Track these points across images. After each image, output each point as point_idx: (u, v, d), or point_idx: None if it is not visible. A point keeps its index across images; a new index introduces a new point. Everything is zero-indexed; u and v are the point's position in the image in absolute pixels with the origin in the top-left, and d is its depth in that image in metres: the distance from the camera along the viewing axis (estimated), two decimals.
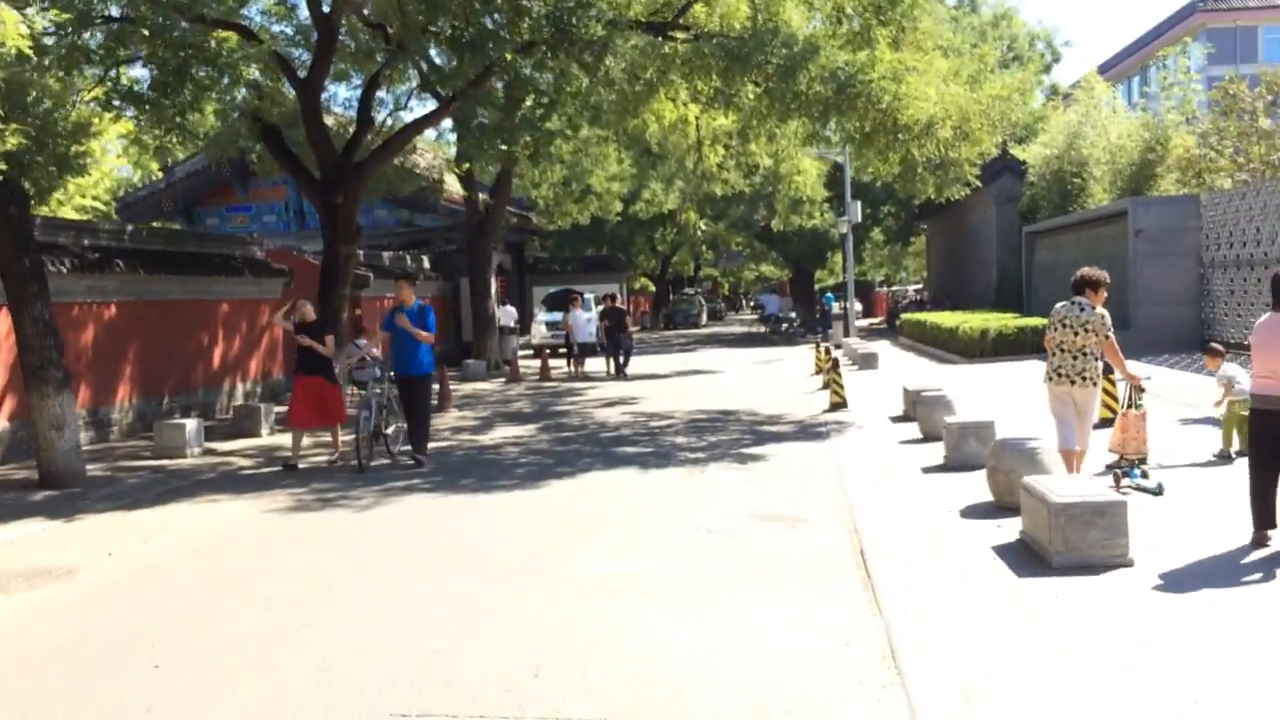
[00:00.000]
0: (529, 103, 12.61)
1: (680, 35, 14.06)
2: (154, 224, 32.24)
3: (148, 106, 11.93)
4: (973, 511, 7.84)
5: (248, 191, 34.48)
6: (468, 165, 19.65)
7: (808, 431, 13.16)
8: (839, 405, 14.97)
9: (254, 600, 6.37)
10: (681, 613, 5.80)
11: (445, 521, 8.51)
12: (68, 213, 38.52)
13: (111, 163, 41.94)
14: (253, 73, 12.48)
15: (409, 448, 11.84)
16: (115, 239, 15.00)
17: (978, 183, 15.12)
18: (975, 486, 8.72)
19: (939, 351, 24.40)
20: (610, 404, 17.53)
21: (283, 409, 17.28)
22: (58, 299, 13.42)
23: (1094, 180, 27.76)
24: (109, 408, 14.44)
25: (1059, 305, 8.45)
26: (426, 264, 28.48)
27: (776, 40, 12.20)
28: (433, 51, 16.48)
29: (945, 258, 42.74)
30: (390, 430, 12.20)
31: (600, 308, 25.07)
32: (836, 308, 42.09)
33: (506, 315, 31.20)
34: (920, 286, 58.16)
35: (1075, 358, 8.18)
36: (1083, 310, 8.20)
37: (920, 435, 11.85)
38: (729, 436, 12.97)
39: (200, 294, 16.67)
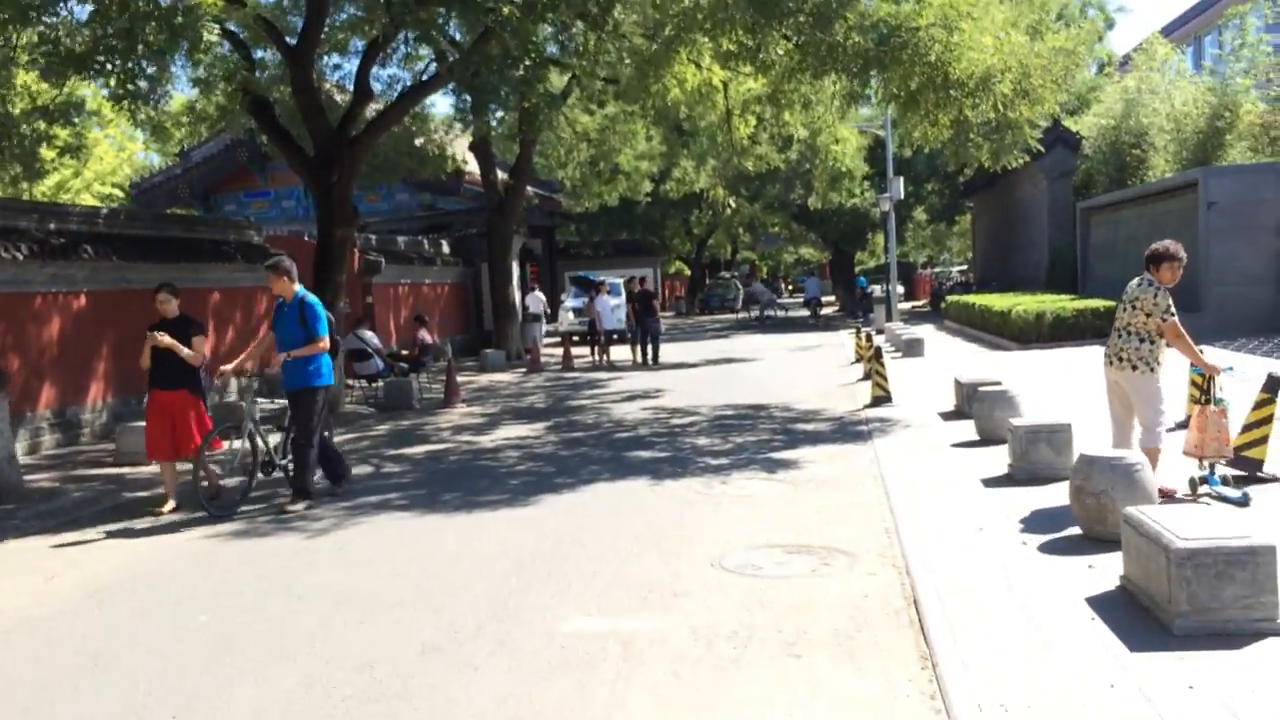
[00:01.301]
0: (527, 62, 11.13)
1: None
2: (172, 210, 31.28)
3: (92, 71, 10.56)
4: (1054, 543, 6.28)
5: (266, 176, 33.37)
6: (470, 137, 18.16)
7: (847, 431, 11.61)
8: (882, 399, 13.40)
9: (127, 675, 4.98)
10: (672, 698, 4.33)
11: (409, 553, 7.09)
12: (87, 199, 37.83)
13: (134, 149, 41.31)
14: (213, 35, 11.05)
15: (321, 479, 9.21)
16: (87, 223, 13.75)
17: (1039, 148, 13.42)
18: (1051, 506, 7.17)
19: (989, 336, 22.69)
20: (631, 397, 16.07)
21: (271, 405, 16.01)
22: (14, 289, 12.26)
23: (1155, 151, 25.82)
24: (78, 408, 13.20)
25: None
26: (446, 248, 27.13)
27: None
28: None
29: (992, 237, 40.77)
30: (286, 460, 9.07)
31: (629, 291, 23.57)
32: (877, 290, 40.31)
33: (535, 302, 29.78)
34: (965, 268, 56.08)
35: (1119, 335, 7.40)
36: (1138, 285, 7.34)
37: (976, 436, 10.27)
38: (757, 437, 11.46)
39: (188, 282, 15.33)
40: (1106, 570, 5.61)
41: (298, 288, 8.81)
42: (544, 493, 8.89)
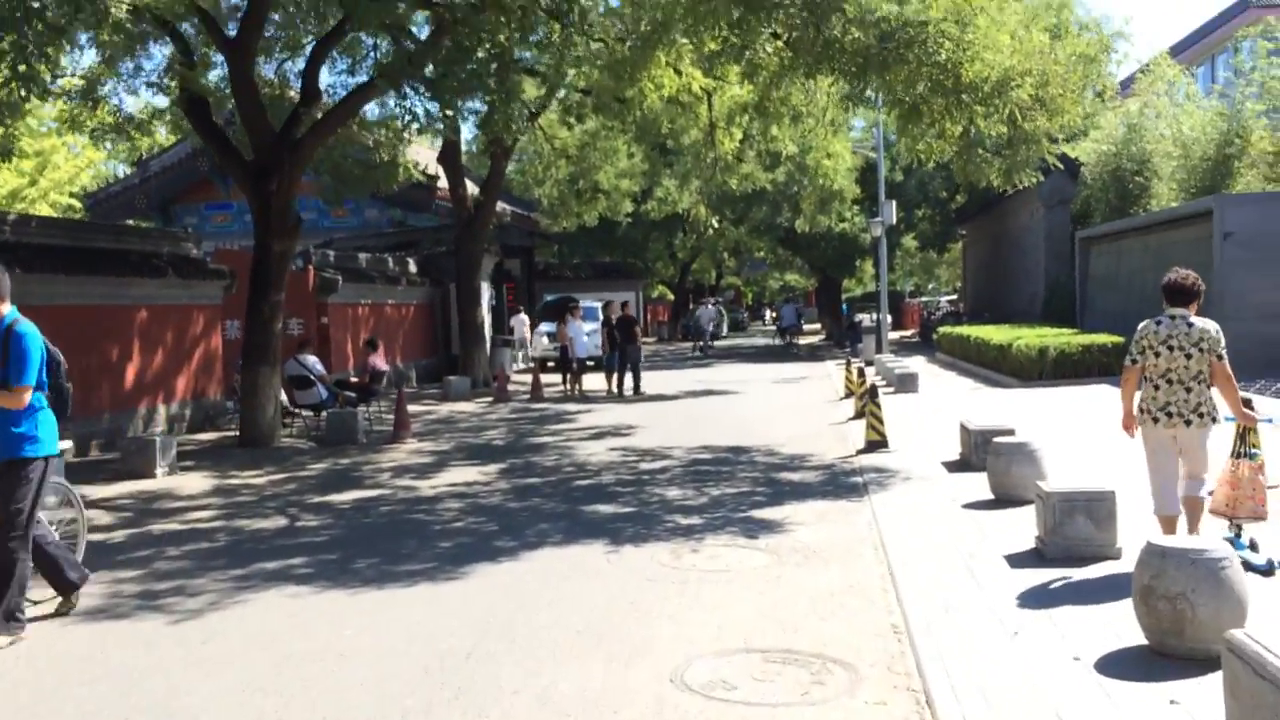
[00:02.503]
0: (480, 54, 9.75)
1: None
2: (132, 222, 29.69)
3: None
4: (1115, 661, 4.84)
5: (230, 188, 31.82)
6: (410, 142, 16.65)
7: (839, 483, 10.17)
8: (878, 444, 11.98)
9: None
10: None
11: (290, 649, 5.58)
12: (42, 209, 36.17)
13: (93, 156, 39.65)
14: (122, 11, 9.59)
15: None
16: None
17: (1057, 163, 12.11)
18: (1099, 600, 5.74)
19: (986, 371, 21.32)
20: (599, 434, 14.60)
21: (201, 438, 14.44)
22: None
23: (1159, 179, 24.68)
24: None
25: (1150, 323, 6.37)
26: (412, 267, 25.65)
27: None
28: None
29: (984, 266, 39.59)
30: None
31: (604, 317, 22.11)
32: (866, 319, 38.99)
33: (520, 324, 28.26)
34: (955, 297, 54.91)
35: (1189, 389, 6.19)
36: (1191, 326, 6.20)
37: (990, 495, 8.82)
38: (736, 489, 10.01)
39: (107, 299, 13.87)
40: (1195, 709, 4.18)
41: (6, 309, 5.93)
42: (479, 560, 7.41)
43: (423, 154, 30.12)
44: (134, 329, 14.47)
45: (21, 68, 9.22)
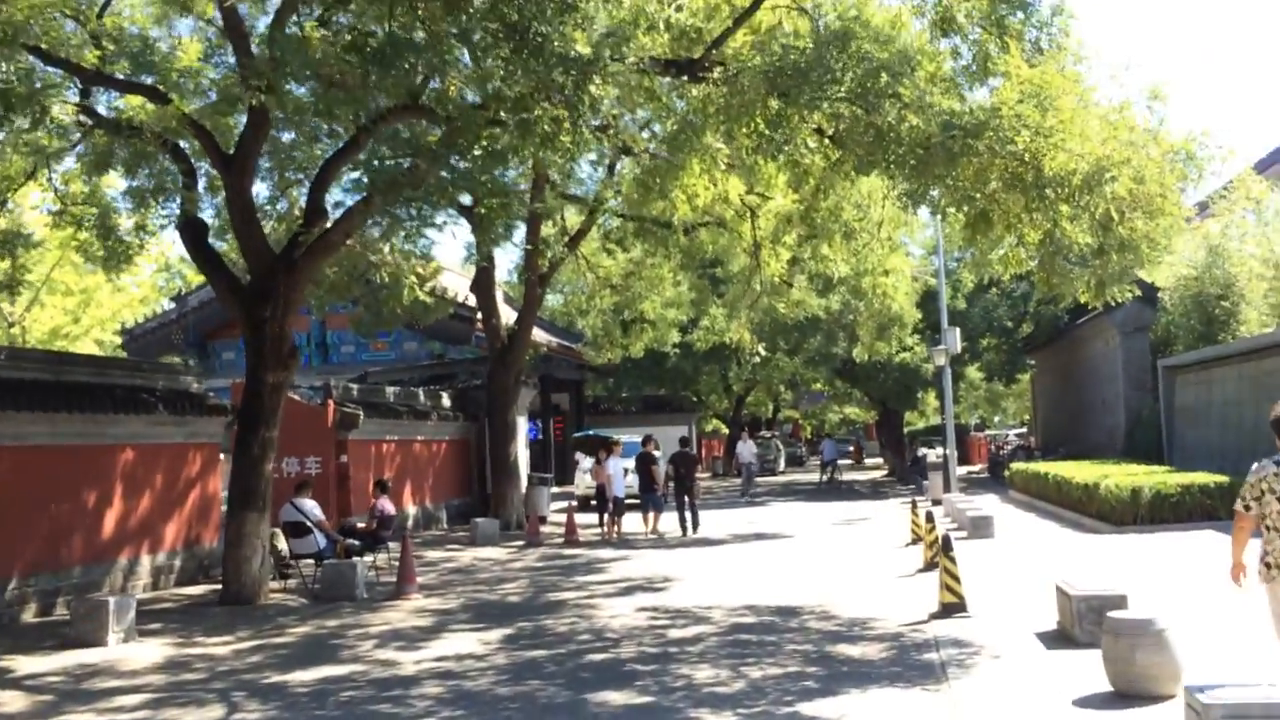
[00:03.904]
0: (477, 152, 8.47)
1: (715, 73, 9.76)
2: (164, 358, 28.92)
3: None
4: None
5: None
6: (424, 257, 15.33)
7: (910, 662, 8.23)
8: (954, 607, 10.00)
9: None
10: None
11: None
12: (85, 345, 35.79)
13: (137, 294, 39.54)
14: (69, 111, 8.49)
15: None
16: None
17: (1154, 280, 10.38)
18: None
19: (1069, 514, 19.12)
20: (630, 589, 12.77)
21: (185, 593, 12.75)
22: None
23: (1247, 303, 22.69)
24: None
25: (1269, 463, 5.68)
26: (446, 401, 24.28)
27: (849, 51, 7.84)
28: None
29: (1056, 398, 37.41)
30: None
31: (640, 452, 20.42)
32: (931, 454, 36.73)
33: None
34: (1024, 430, 52.43)
35: None
36: None
37: (1108, 686, 6.86)
38: (782, 668, 8.11)
39: (86, 437, 12.55)
40: None
41: None
42: None
43: (459, 282, 29.22)
44: (117, 471, 13.09)
45: None
